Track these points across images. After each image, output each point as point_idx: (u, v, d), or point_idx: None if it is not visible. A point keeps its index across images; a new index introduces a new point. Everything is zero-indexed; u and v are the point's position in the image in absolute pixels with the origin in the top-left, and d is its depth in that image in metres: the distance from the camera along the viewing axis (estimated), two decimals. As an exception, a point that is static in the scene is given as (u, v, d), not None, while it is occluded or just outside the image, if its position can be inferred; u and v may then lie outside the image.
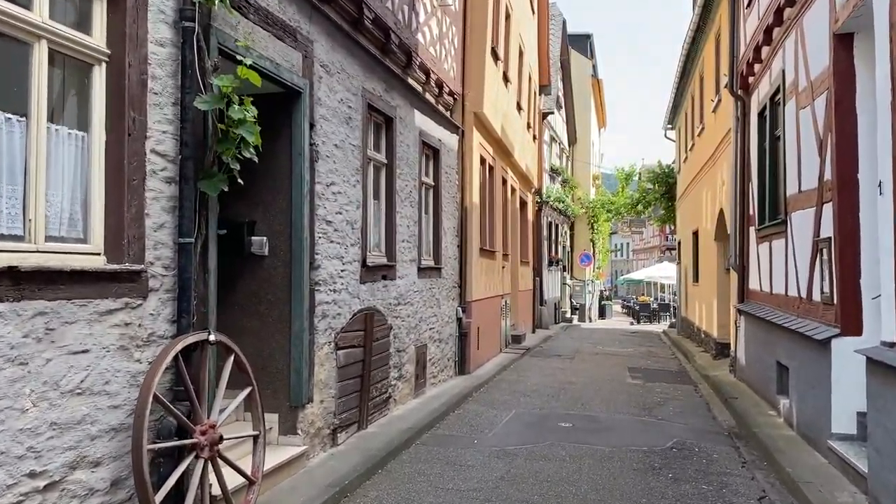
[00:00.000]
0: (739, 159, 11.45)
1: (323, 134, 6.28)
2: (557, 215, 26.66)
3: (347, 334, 6.76)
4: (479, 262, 12.01)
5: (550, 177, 25.07)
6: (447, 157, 10.57)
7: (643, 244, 68.51)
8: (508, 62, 14.09)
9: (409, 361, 8.66)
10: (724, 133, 13.23)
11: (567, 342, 18.66)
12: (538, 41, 19.89)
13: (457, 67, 10.94)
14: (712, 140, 14.88)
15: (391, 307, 8.04)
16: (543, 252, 23.93)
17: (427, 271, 9.48)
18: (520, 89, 16.23)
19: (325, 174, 6.31)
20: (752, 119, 10.84)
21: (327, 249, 6.34)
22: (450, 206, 10.74)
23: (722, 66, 13.65)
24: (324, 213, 6.28)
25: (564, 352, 15.95)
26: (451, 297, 10.76)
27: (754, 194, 10.60)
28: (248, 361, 5.91)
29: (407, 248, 8.62)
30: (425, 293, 9.37)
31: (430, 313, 9.58)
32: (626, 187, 30.54)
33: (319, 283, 6.19)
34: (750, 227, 11.01)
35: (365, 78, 7.29)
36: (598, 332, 23.67)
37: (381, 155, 8.03)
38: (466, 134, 11.30)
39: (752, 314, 10.14)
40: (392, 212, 8.12)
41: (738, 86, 11.32)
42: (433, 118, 9.87)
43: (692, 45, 16.77)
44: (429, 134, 9.59)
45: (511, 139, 14.81)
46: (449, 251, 10.64)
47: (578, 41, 30.91)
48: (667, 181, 25.72)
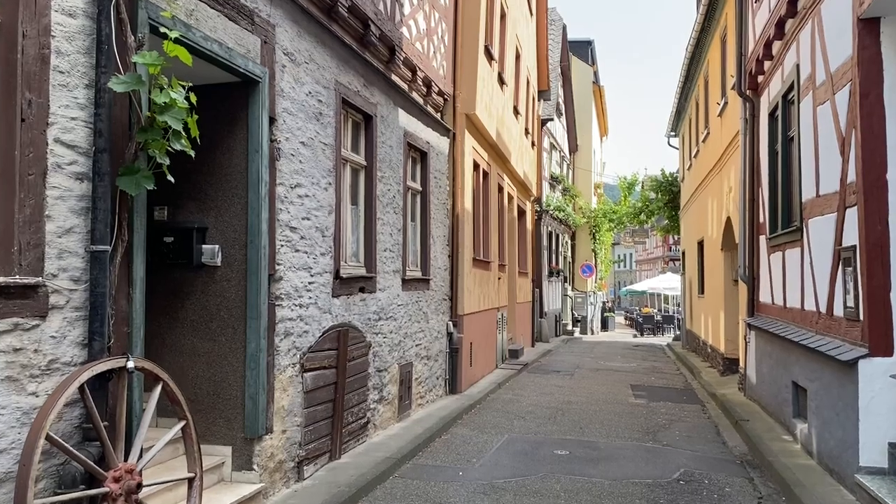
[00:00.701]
0: (748, 164, 10.77)
1: (287, 130, 5.60)
2: (558, 225, 25.97)
3: (317, 354, 6.06)
4: (472, 273, 11.32)
5: (550, 185, 24.40)
6: (436, 160, 9.90)
7: (646, 255, 67.75)
8: (504, 63, 13.45)
9: (391, 382, 7.95)
10: (731, 137, 12.55)
11: (567, 357, 17.92)
12: (537, 45, 19.28)
13: (447, 66, 10.29)
14: (718, 145, 14.21)
15: (370, 323, 7.34)
16: (543, 263, 23.22)
17: (413, 283, 8.79)
18: (517, 93, 15.58)
19: (290, 175, 5.63)
20: (762, 121, 10.16)
21: (291, 259, 5.65)
22: (439, 213, 10.05)
23: (728, 67, 12.99)
24: (287, 218, 5.59)
25: (564, 367, 15.21)
26: (441, 310, 10.05)
27: (765, 201, 9.91)
28: (199, 388, 5.22)
29: (389, 257, 7.93)
30: (411, 307, 8.67)
31: (416, 329, 8.87)
32: (629, 196, 29.87)
33: (281, 297, 5.50)
34: (760, 235, 10.30)
35: (339, 71, 6.63)
36: (601, 346, 22.91)
37: (360, 156, 7.36)
38: (458, 137, 10.63)
39: (764, 329, 9.42)
40: (372, 218, 7.43)
41: (747, 86, 10.65)
42: (420, 119, 9.20)
43: (696, 46, 16.13)
44: (415, 135, 8.92)
45: (507, 144, 14.15)
46: (438, 261, 9.94)
47: (579, 48, 30.31)
48: (670, 190, 25.05)
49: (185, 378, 5.24)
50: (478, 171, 12.10)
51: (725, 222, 13.49)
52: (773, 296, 9.43)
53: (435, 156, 9.82)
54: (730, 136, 12.76)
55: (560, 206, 24.42)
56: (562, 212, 24.73)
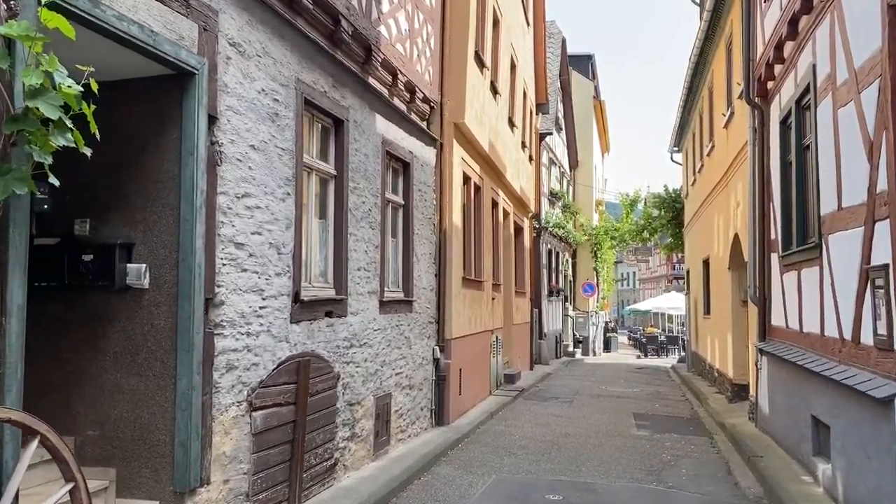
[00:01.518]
0: (758, 176, 10.02)
1: (232, 131, 4.87)
2: (558, 242, 25.20)
3: (269, 390, 5.27)
4: (462, 293, 10.54)
5: (550, 201, 23.67)
6: (421, 172, 9.17)
7: (650, 273, 66.88)
8: (497, 72, 12.76)
9: (365, 416, 7.14)
10: (738, 149, 11.82)
11: (567, 381, 17.07)
12: (535, 57, 18.63)
13: (433, 72, 9.59)
14: (724, 159, 13.47)
15: (340, 351, 6.56)
16: (542, 282, 22.43)
17: (393, 305, 8.01)
18: (512, 104, 14.89)
19: (235, 183, 4.89)
20: (773, 129, 9.43)
21: (237, 280, 4.89)
22: (424, 229, 9.30)
23: (735, 75, 12.29)
24: (231, 232, 4.84)
25: (563, 393, 14.36)
26: (426, 334, 9.26)
27: (777, 216, 9.15)
28: (122, 432, 4.44)
29: (364, 277, 7.16)
30: (390, 331, 7.89)
31: (396, 355, 8.08)
32: (631, 214, 29.11)
33: (223, 324, 4.74)
34: (772, 253, 9.53)
35: (302, 68, 5.91)
36: (603, 369, 22.04)
37: (328, 164, 6.62)
38: (445, 147, 9.90)
39: (778, 356, 8.61)
40: (342, 234, 6.68)
41: (755, 93, 9.93)
42: (402, 126, 8.48)
43: (700, 56, 15.44)
44: (395, 144, 8.19)
45: (502, 157, 13.43)
46: (423, 281, 9.17)
47: (579, 62, 29.72)
48: (674, 206, 24.32)
49: (107, 420, 4.47)
50: (469, 185, 11.36)
51: (733, 239, 12.72)
52: (788, 319, 8.64)
53: (419, 167, 9.08)
54: (736, 148, 12.03)
55: (560, 222, 23.67)
56: (561, 229, 23.97)
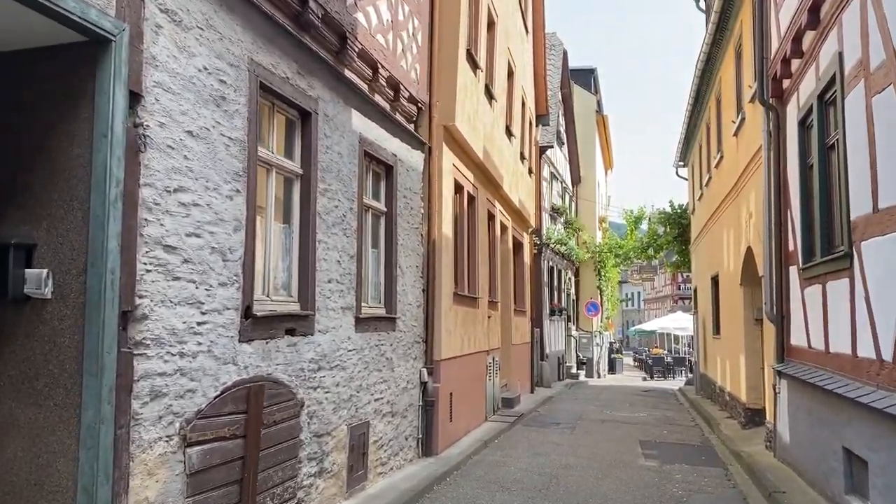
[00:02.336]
0: (773, 183, 9.23)
1: (162, 112, 4.11)
2: (560, 260, 24.38)
3: (210, 421, 4.46)
4: (453, 310, 9.73)
5: (551, 217, 22.88)
6: (406, 177, 8.40)
7: (655, 293, 65.88)
8: (493, 77, 12.05)
9: (337, 448, 6.31)
10: (750, 157, 11.05)
11: (569, 405, 16.16)
12: (534, 66, 17.96)
13: (421, 70, 8.86)
14: (734, 168, 12.70)
15: (305, 375, 5.74)
16: (544, 300, 21.58)
17: (372, 323, 7.21)
18: (510, 112, 14.17)
19: (165, 174, 4.11)
20: (790, 131, 8.66)
21: (167, 290, 4.10)
22: (410, 239, 8.52)
23: (745, 78, 11.56)
24: (159, 233, 4.06)
25: (565, 418, 13.46)
26: (412, 355, 8.44)
27: (796, 224, 8.35)
28: (17, 473, 3.62)
29: (336, 291, 6.37)
30: (368, 352, 7.07)
31: (375, 379, 7.26)
32: (636, 231, 28.31)
33: (147, 343, 3.94)
34: (790, 266, 8.72)
35: (258, 48, 5.16)
36: (607, 391, 21.11)
37: (293, 161, 5.85)
38: (434, 151, 9.14)
39: (800, 379, 7.77)
40: (309, 241, 5.89)
41: (769, 94, 9.17)
42: (385, 126, 7.73)
43: (706, 63, 14.72)
44: (376, 144, 7.43)
45: (498, 167, 12.68)
46: (408, 297, 8.37)
47: (582, 76, 29.09)
48: (679, 223, 23.52)
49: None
50: (461, 194, 10.59)
51: (745, 253, 11.90)
52: (810, 338, 7.81)
53: (404, 171, 8.32)
54: (748, 155, 11.26)
55: (562, 239, 22.86)
56: (563, 245, 23.16)
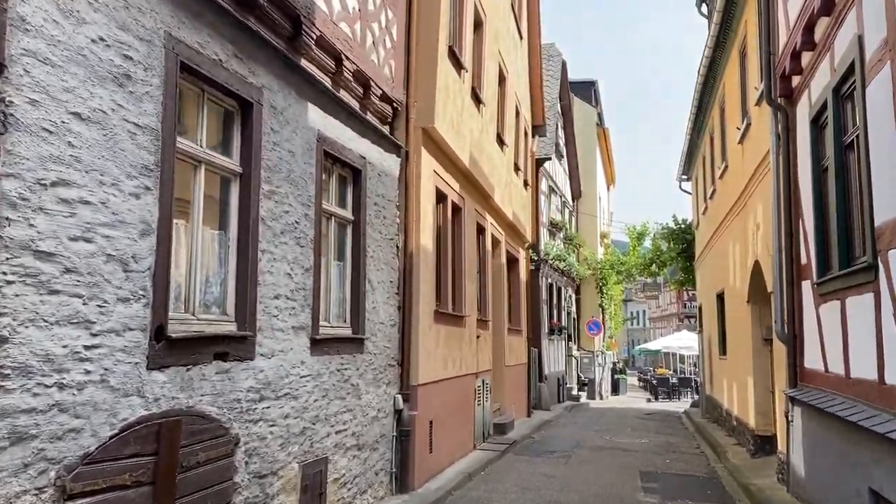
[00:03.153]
0: (783, 190, 8.43)
1: (36, 87, 3.35)
2: (560, 276, 23.54)
3: (103, 467, 3.65)
4: (435, 330, 8.91)
5: (550, 232, 22.09)
6: (378, 183, 7.63)
7: (660, 311, 64.88)
8: (481, 80, 11.32)
9: (285, 490, 5.47)
10: (757, 164, 10.27)
11: (567, 430, 15.25)
12: (530, 74, 17.26)
13: (396, 66, 8.13)
14: (739, 178, 11.91)
15: (241, 406, 4.93)
16: (542, 319, 20.73)
17: (333, 345, 6.40)
18: (501, 120, 13.43)
19: (39, 163, 3.35)
20: (801, 132, 7.88)
21: (38, 307, 3.32)
22: (383, 251, 7.73)
23: (750, 81, 10.80)
24: (28, 235, 3.28)
25: (561, 445, 12.57)
26: (385, 380, 7.62)
27: (809, 234, 7.55)
28: None
29: (286, 308, 5.57)
30: (328, 378, 6.26)
31: (337, 408, 6.44)
32: (639, 247, 27.46)
33: (5, 372, 3.15)
34: (803, 280, 7.90)
35: (179, 22, 4.41)
36: (609, 414, 20.17)
37: (229, 158, 5.08)
38: (412, 156, 8.38)
39: (816, 407, 6.92)
40: (250, 250, 5.11)
41: (778, 92, 8.41)
42: (352, 125, 6.98)
43: (709, 68, 13.99)
44: (339, 144, 6.67)
45: (488, 177, 11.91)
46: (380, 314, 7.57)
47: (582, 88, 28.41)
48: (683, 238, 22.70)
49: None
50: (444, 204, 9.82)
51: (752, 268, 11.07)
52: (827, 361, 6.98)
53: (376, 177, 7.56)
54: (755, 162, 10.48)
55: (560, 254, 22.03)
56: (563, 261, 22.32)
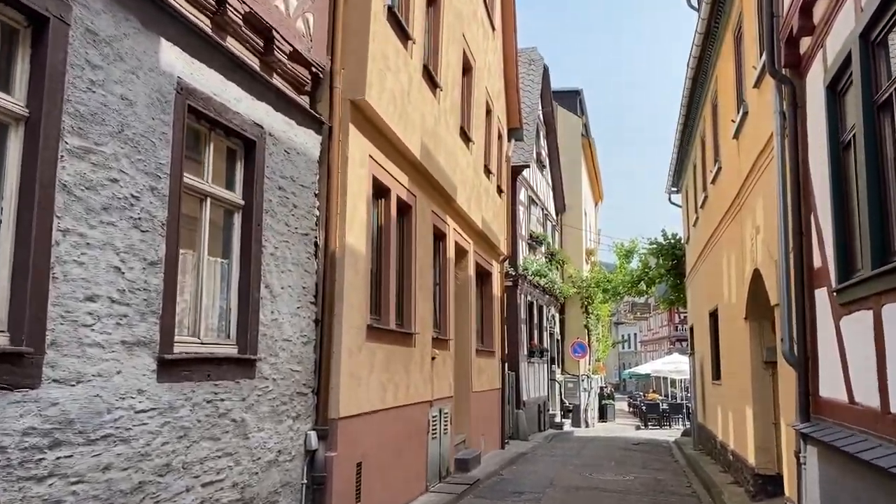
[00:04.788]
0: (791, 180, 6.92)
1: None
2: (542, 294, 21.95)
3: None
4: (368, 349, 7.32)
5: (530, 246, 20.55)
6: (286, 163, 6.07)
7: (651, 334, 63.23)
8: (438, 61, 9.83)
9: (99, 572, 3.84)
10: (756, 156, 8.80)
11: (543, 464, 13.56)
12: (505, 71, 15.83)
13: (317, 23, 6.61)
14: (734, 178, 10.44)
15: (9, 456, 3.32)
16: (522, 339, 19.13)
17: (200, 367, 4.79)
18: (467, 113, 11.94)
19: None
20: (814, 106, 6.39)
21: None
22: (292, 249, 6.15)
23: (747, 61, 9.36)
24: None
25: (532, 485, 10.90)
26: (290, 412, 5.99)
27: (825, 231, 6.03)
28: None
29: (108, 314, 3.97)
30: (189, 412, 4.64)
31: (206, 452, 4.81)
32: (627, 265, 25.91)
33: None
34: (818, 288, 6.37)
35: None
36: (593, 444, 18.48)
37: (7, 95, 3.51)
38: (338, 134, 6.82)
39: (839, 448, 5.33)
40: (38, 227, 3.53)
41: (783, 61, 6.94)
42: (242, 83, 5.44)
43: (700, 60, 12.57)
44: (218, 103, 5.12)
45: (449, 175, 10.38)
46: (285, 329, 5.96)
47: (567, 98, 27.05)
48: (673, 254, 21.19)
49: None
50: (387, 199, 8.25)
51: (751, 279, 9.54)
52: (853, 389, 5.42)
53: (281, 154, 6.00)
54: (752, 156, 9.00)
55: (540, 270, 20.46)
56: (543, 277, 20.75)
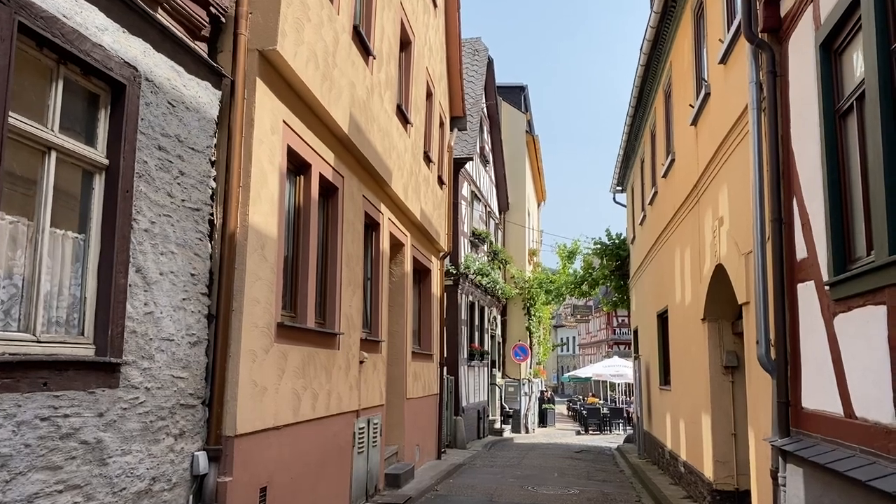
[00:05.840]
0: (769, 160, 6.08)
1: None
2: (483, 295, 21.02)
3: None
4: (279, 351, 6.13)
5: (472, 244, 19.58)
6: (170, 119, 4.86)
7: (590, 338, 63.30)
8: (370, 23, 8.71)
9: None
10: (720, 141, 8.00)
11: (482, 476, 12.55)
12: (448, 55, 14.82)
13: (217, -47, 5.41)
14: (692, 167, 9.65)
15: None
16: (462, 342, 18.13)
17: (36, 373, 3.55)
18: (405, 92, 10.86)
19: None
20: (801, 71, 5.55)
21: None
22: (176, 226, 4.93)
23: (711, 37, 8.55)
24: None
25: (468, 501, 9.86)
26: (171, 429, 4.77)
27: (815, 214, 5.19)
28: None
29: None
30: (13, 436, 3.40)
31: (41, 486, 3.57)
32: (569, 266, 25.24)
33: None
34: (802, 282, 5.53)
35: None
36: (534, 453, 17.60)
37: None
38: (241, 90, 5.63)
39: (838, 472, 4.45)
40: None
41: (762, 24, 6.10)
42: (109, 11, 4.22)
43: (654, 43, 11.79)
44: (70, 28, 3.89)
45: (383, 156, 9.27)
46: (164, 325, 4.74)
47: (511, 93, 26.26)
48: (617, 254, 20.58)
49: None
50: (306, 176, 7.08)
51: (711, 276, 8.73)
52: (851, 401, 4.56)
53: (164, 107, 4.78)
54: (716, 141, 8.20)
55: (483, 269, 19.53)
56: (486, 277, 19.82)
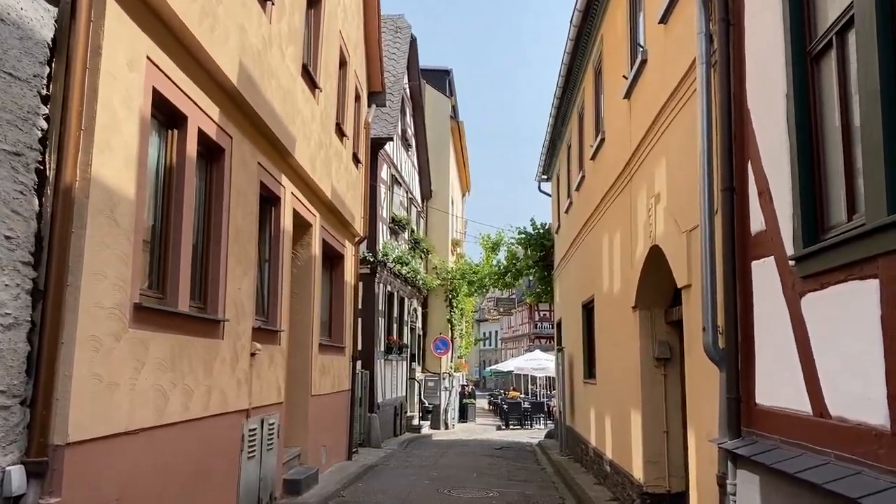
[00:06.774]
0: (720, 121, 5.33)
1: None
2: (404, 286, 20.03)
3: None
4: (135, 339, 4.97)
5: (392, 231, 18.55)
6: (-31, 25, 3.64)
7: (512, 332, 63.24)
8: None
9: None
10: (657, 110, 7.27)
11: (394, 479, 11.58)
12: (366, 24, 13.73)
13: None
14: (625, 143, 8.94)
15: None
16: (379, 334, 17.08)
17: None
18: (314, 53, 9.74)
19: None
20: (760, 15, 4.79)
21: None
22: (-21, 170, 3.72)
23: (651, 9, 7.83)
24: None
25: (379, 508, 8.89)
26: (-36, 440, 3.58)
27: (779, 182, 4.43)
28: None
29: None
30: None
31: None
32: (493, 257, 24.57)
33: None
34: (757, 259, 4.79)
35: None
36: (453, 451, 16.75)
37: None
38: (85, 8, 4.42)
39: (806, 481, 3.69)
40: None
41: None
42: None
43: (585, 14, 11.05)
44: None
45: (285, 121, 8.13)
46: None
47: (436, 77, 25.34)
48: (542, 244, 20.00)
49: None
50: (181, 129, 5.89)
51: (646, 258, 8.02)
52: (823, 398, 3.81)
53: (-42, 7, 3.56)
54: (653, 111, 7.48)
55: (403, 257, 18.54)
56: (406, 266, 18.83)
